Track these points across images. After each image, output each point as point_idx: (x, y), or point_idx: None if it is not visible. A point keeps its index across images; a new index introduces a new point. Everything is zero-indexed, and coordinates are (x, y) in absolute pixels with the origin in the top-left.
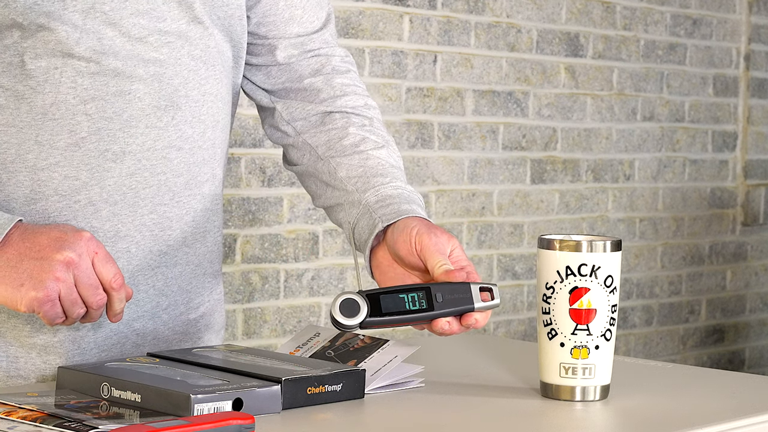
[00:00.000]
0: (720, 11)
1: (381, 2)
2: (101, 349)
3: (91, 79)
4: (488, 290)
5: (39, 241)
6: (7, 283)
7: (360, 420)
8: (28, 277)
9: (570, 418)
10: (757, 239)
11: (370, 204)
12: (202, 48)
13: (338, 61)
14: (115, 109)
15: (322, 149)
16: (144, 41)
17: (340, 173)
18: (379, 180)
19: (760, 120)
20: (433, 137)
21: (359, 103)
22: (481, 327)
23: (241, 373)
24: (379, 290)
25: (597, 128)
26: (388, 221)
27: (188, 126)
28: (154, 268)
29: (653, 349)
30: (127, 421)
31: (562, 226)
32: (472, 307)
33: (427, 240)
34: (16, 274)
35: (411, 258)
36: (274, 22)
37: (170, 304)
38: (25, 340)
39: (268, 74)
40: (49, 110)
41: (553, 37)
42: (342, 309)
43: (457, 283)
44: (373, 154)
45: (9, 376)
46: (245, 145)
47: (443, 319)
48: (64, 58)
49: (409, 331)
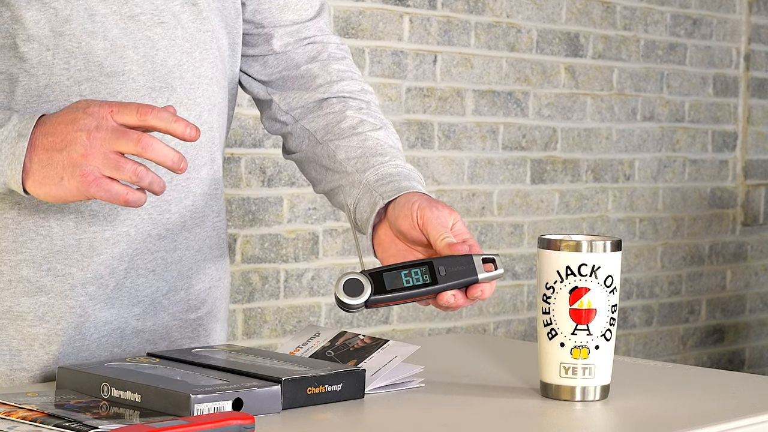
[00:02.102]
0: (720, 11)
1: (381, 2)
2: (103, 337)
3: (84, 59)
4: (491, 261)
5: (58, 131)
6: (50, 184)
7: (360, 420)
8: (63, 168)
9: (570, 418)
10: (757, 239)
11: (371, 183)
12: (196, 30)
13: (334, 48)
14: (109, 89)
15: (321, 134)
16: (136, 20)
17: (339, 155)
18: (378, 159)
19: (760, 120)
20: (433, 137)
21: (356, 88)
22: (486, 298)
23: (241, 373)
24: (382, 268)
25: (597, 128)
26: (389, 198)
27: (184, 108)
28: (153, 252)
29: (653, 349)
30: (127, 421)
31: (562, 226)
32: (476, 278)
33: (429, 213)
34: (53, 171)
35: (413, 232)
36: (269, 9)
37: (170, 289)
38: (26, 331)
39: (264, 64)
40: (44, 92)
41: (553, 37)
42: (346, 289)
43: (460, 255)
44: (371, 135)
45: (12, 369)
46: (245, 145)
47: (448, 293)
48: (56, 38)
49: (410, 331)
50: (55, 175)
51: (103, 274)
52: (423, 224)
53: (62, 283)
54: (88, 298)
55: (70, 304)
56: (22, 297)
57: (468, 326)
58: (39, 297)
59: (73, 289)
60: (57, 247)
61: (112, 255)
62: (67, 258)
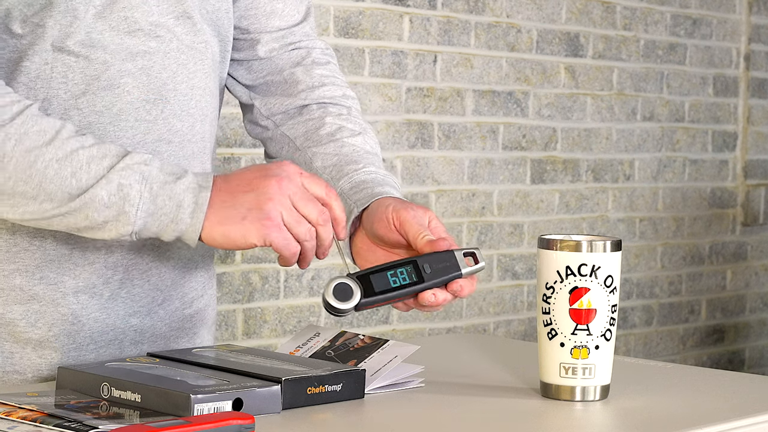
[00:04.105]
0: (720, 11)
1: (381, 2)
2: (98, 344)
3: (81, 73)
4: (471, 255)
5: (244, 176)
6: (230, 223)
7: (360, 420)
8: (248, 210)
9: (570, 418)
10: (757, 239)
11: (345, 191)
12: (190, 42)
13: (318, 53)
14: (105, 102)
15: (300, 140)
16: (133, 35)
17: (316, 163)
18: (352, 167)
19: (760, 120)
20: (433, 137)
21: (337, 94)
22: (465, 295)
23: (241, 373)
24: (368, 270)
25: (597, 128)
26: (363, 206)
27: (177, 119)
28: (148, 262)
29: (653, 349)
30: (127, 421)
31: (562, 226)
32: (460, 273)
33: (405, 214)
34: (236, 211)
35: (391, 235)
36: (256, 15)
37: (165, 299)
38: (19, 335)
39: (249, 69)
40: (41, 106)
41: (553, 37)
42: (336, 294)
43: (442, 252)
44: (348, 142)
45: (5, 372)
46: (245, 145)
47: (429, 292)
48: (54, 53)
49: (410, 331)
50: (237, 215)
51: (96, 283)
52: (400, 225)
53: (54, 291)
54: (80, 306)
55: (62, 312)
56: (15, 305)
57: (468, 326)
58: (31, 305)
59: (65, 297)
60: (50, 256)
61: (105, 264)
62: (60, 267)
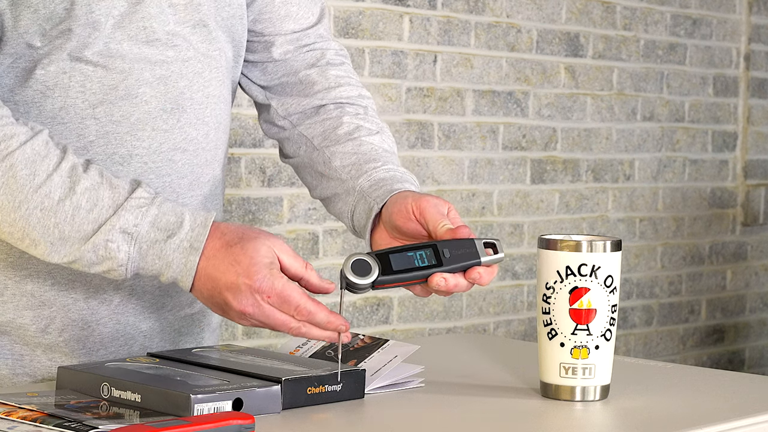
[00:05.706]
0: (720, 11)
1: (381, 2)
2: (107, 349)
3: (99, 83)
4: (492, 246)
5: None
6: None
7: (360, 420)
8: (226, 305)
9: (570, 418)
10: (757, 239)
11: (365, 189)
12: (206, 50)
13: (332, 55)
14: (122, 112)
15: (318, 140)
16: (151, 45)
17: (335, 162)
18: (371, 165)
19: (760, 120)
20: (433, 137)
21: (353, 94)
22: (485, 283)
23: (241, 373)
24: (388, 250)
25: (597, 128)
26: (382, 202)
27: (192, 128)
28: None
29: (653, 349)
30: (127, 421)
31: (562, 226)
32: (479, 261)
33: (425, 203)
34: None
35: (410, 224)
36: (270, 18)
37: (175, 304)
38: (30, 339)
39: (264, 70)
40: (58, 114)
41: (553, 37)
42: (354, 269)
43: (462, 239)
44: (366, 140)
45: (15, 374)
46: (245, 145)
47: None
48: (72, 63)
49: (410, 331)
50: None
51: (106, 289)
52: (420, 213)
53: (65, 297)
54: (90, 312)
55: (73, 318)
56: (26, 310)
57: (468, 326)
58: (42, 310)
59: (76, 303)
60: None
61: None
62: (71, 273)
